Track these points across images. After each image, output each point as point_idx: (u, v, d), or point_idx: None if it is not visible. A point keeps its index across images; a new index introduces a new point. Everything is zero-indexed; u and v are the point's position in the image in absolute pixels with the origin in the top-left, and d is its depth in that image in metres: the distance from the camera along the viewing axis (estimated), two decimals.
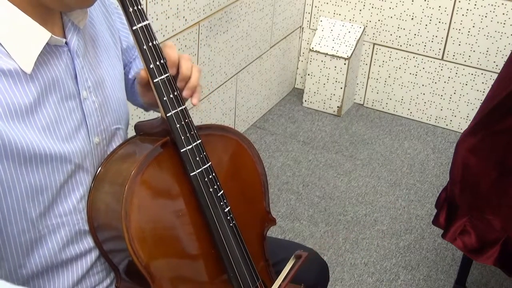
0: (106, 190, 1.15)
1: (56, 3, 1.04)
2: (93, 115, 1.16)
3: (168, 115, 1.14)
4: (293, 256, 1.32)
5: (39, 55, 1.04)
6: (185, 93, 1.18)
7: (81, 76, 1.13)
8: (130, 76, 1.41)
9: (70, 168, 1.11)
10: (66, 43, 1.11)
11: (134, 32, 1.11)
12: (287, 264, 1.30)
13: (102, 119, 1.18)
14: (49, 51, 1.07)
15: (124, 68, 1.41)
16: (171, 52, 1.16)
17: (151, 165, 1.13)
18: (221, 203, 1.19)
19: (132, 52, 1.41)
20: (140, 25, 1.11)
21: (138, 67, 1.40)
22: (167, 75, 1.14)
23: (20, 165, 1.02)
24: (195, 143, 1.16)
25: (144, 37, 1.11)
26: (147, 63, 1.12)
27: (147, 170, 1.12)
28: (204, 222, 1.19)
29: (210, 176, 1.18)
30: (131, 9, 1.09)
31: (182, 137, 1.15)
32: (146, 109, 1.43)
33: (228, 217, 1.20)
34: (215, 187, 1.18)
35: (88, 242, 1.18)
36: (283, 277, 1.27)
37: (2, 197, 1.02)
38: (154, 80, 1.13)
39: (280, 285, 1.25)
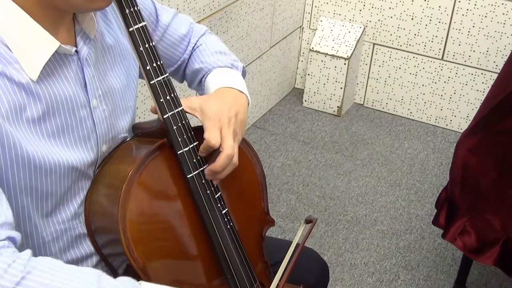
0: (103, 193, 1.15)
1: (64, 3, 1.03)
2: (103, 123, 1.16)
3: (164, 117, 1.14)
4: (303, 221, 1.31)
5: (48, 63, 1.04)
6: (208, 177, 1.18)
7: (92, 84, 1.13)
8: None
9: (75, 176, 1.11)
10: (76, 51, 1.10)
11: (131, 34, 1.10)
12: (299, 230, 1.29)
13: (111, 127, 1.18)
14: (58, 60, 1.07)
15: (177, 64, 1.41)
16: (213, 134, 1.16)
17: (148, 167, 1.13)
18: (218, 205, 1.19)
19: (178, 48, 1.40)
20: (136, 26, 1.10)
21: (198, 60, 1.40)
22: (163, 77, 1.14)
23: (30, 171, 1.02)
24: (192, 145, 1.16)
25: (141, 39, 1.11)
26: (143, 64, 1.12)
27: (143, 172, 1.12)
28: (201, 224, 1.18)
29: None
30: (127, 11, 1.09)
31: (179, 139, 1.15)
32: None
33: (226, 219, 1.20)
34: (212, 189, 1.18)
35: (88, 246, 1.18)
36: (296, 242, 1.27)
37: (8, 200, 1.02)
38: (151, 82, 1.12)
39: (293, 252, 1.26)
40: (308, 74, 3.40)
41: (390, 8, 3.24)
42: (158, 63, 1.13)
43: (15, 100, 1.00)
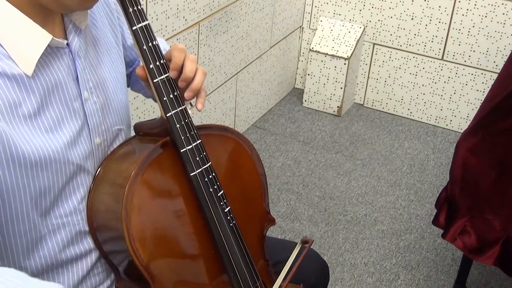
0: (106, 191, 1.15)
1: (55, 5, 1.04)
2: (95, 115, 1.16)
3: (168, 115, 1.14)
4: (299, 242, 1.32)
5: (41, 57, 1.04)
6: (186, 94, 1.17)
7: (83, 77, 1.13)
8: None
9: (72, 170, 1.11)
10: (67, 44, 1.10)
11: (134, 32, 1.11)
12: (294, 250, 1.30)
13: (103, 119, 1.18)
14: (50, 53, 1.07)
15: (134, 64, 1.41)
16: (178, 55, 1.16)
17: (151, 165, 1.13)
18: (221, 203, 1.19)
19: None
20: (140, 25, 1.11)
21: None
22: (167, 75, 1.14)
23: (26, 170, 1.02)
24: (195, 143, 1.16)
25: (144, 37, 1.11)
26: (147, 63, 1.12)
27: (147, 171, 1.12)
28: (204, 222, 1.19)
29: (210, 176, 1.18)
30: (131, 9, 1.10)
31: (182, 137, 1.15)
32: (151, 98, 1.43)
33: (228, 217, 1.20)
34: (215, 187, 1.18)
35: (88, 243, 1.18)
36: (290, 263, 1.27)
37: (6, 200, 1.02)
38: (154, 80, 1.13)
39: (287, 273, 1.25)
40: (308, 74, 3.40)
41: (390, 8, 3.24)
42: (162, 61, 1.13)
43: (9, 97, 0.99)
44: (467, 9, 3.08)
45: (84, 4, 1.06)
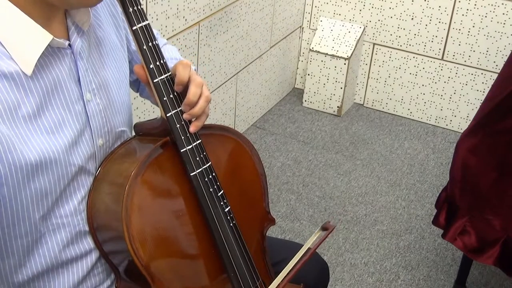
0: (106, 191, 1.15)
1: (58, 0, 1.03)
2: (97, 117, 1.15)
3: (168, 115, 1.14)
4: (320, 227, 1.30)
5: (41, 57, 1.03)
6: (184, 116, 1.16)
7: (85, 78, 1.13)
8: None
9: (74, 171, 1.11)
10: (69, 45, 1.10)
11: (134, 32, 1.11)
12: (313, 234, 1.28)
13: (106, 121, 1.18)
14: (51, 53, 1.06)
15: None
16: (183, 71, 1.15)
17: (151, 165, 1.13)
18: (221, 203, 1.19)
19: None
20: (140, 25, 1.11)
21: None
22: (167, 75, 1.14)
23: (27, 172, 1.02)
24: (195, 143, 1.16)
25: (144, 37, 1.11)
26: (147, 63, 1.12)
27: (147, 171, 1.12)
28: (204, 222, 1.19)
29: (210, 176, 1.18)
30: (131, 9, 1.09)
31: (182, 137, 1.15)
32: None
33: (228, 217, 1.20)
34: (215, 187, 1.18)
35: (88, 243, 1.17)
36: (307, 246, 1.26)
37: (7, 203, 1.02)
38: (154, 80, 1.13)
39: (305, 253, 1.24)
40: (308, 74, 3.40)
41: (390, 8, 3.24)
42: (161, 61, 1.13)
43: (8, 99, 0.99)
44: (467, 9, 3.08)
45: (84, 1, 1.05)
